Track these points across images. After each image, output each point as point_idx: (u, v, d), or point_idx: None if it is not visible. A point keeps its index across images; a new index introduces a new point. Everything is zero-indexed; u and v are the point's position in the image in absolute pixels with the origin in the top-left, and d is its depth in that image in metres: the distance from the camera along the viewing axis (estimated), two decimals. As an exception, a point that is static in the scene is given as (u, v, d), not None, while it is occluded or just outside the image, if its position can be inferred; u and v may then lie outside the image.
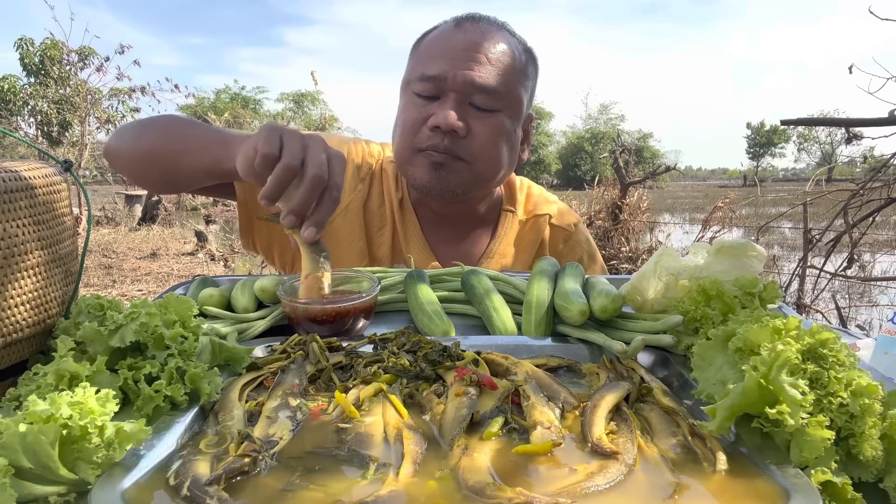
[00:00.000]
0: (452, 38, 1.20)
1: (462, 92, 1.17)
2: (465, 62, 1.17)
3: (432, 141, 1.18)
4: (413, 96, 1.21)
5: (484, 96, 1.17)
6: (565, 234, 1.43)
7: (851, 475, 0.51)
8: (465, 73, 1.16)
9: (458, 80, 1.16)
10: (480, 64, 1.17)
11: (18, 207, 0.65)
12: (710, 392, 0.60)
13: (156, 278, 7.25)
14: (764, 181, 25.65)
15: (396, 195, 1.33)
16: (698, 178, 73.87)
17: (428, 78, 1.18)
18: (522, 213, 1.42)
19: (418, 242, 1.32)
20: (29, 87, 13.78)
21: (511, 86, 1.21)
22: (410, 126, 1.21)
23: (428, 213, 1.35)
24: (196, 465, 0.51)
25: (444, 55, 1.18)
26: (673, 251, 0.84)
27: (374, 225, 1.33)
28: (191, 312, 0.67)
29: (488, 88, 1.17)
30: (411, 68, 1.24)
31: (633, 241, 6.89)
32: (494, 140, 1.21)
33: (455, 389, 0.62)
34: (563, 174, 41.49)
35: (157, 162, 1.16)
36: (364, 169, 1.35)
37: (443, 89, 1.18)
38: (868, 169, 3.88)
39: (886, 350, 0.81)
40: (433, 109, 1.18)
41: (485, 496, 0.46)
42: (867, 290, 5.72)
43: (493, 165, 1.25)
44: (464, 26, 1.21)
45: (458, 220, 1.35)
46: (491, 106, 1.19)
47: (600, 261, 1.50)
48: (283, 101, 27.97)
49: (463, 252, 1.33)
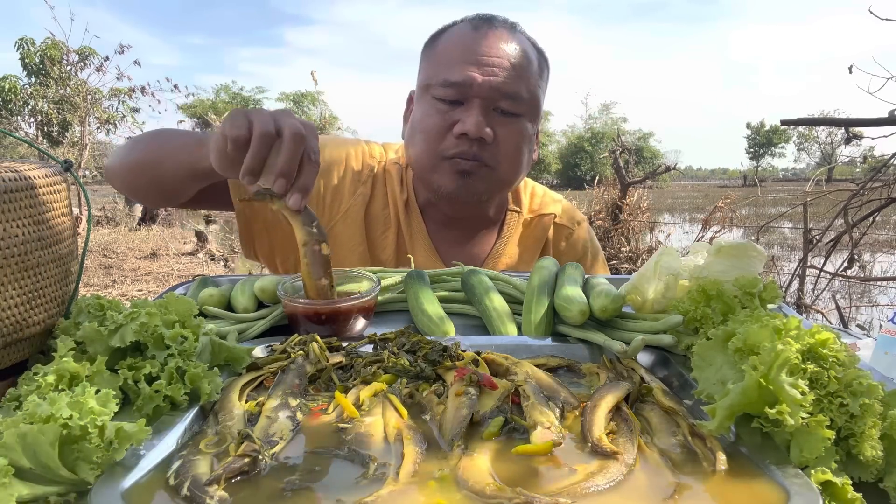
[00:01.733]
0: (473, 42, 1.19)
1: (488, 98, 1.16)
2: (490, 68, 1.16)
3: (459, 148, 1.18)
4: (434, 101, 1.20)
5: (509, 102, 1.18)
6: (567, 231, 1.43)
7: (851, 475, 0.51)
8: (490, 80, 1.16)
9: (485, 87, 1.16)
10: (505, 69, 1.17)
11: (18, 207, 0.65)
12: (710, 392, 0.60)
13: (156, 278, 7.25)
14: (764, 181, 25.64)
15: (402, 197, 1.32)
16: (698, 178, 73.89)
17: (452, 84, 1.17)
18: (527, 213, 1.42)
19: (424, 244, 1.31)
20: (29, 87, 13.77)
21: (533, 90, 1.21)
22: (435, 133, 1.19)
23: (436, 214, 1.33)
24: (196, 465, 0.51)
25: (466, 60, 1.17)
26: (673, 251, 0.84)
27: (378, 228, 1.32)
28: (191, 312, 0.67)
29: (513, 94, 1.17)
30: (430, 72, 1.22)
31: (633, 241, 6.88)
32: (518, 145, 1.22)
33: (455, 389, 0.62)
34: (563, 174, 41.50)
35: (144, 172, 1.17)
36: (365, 172, 1.33)
37: (467, 95, 1.17)
38: (868, 169, 3.88)
39: (886, 350, 0.81)
40: (458, 115, 1.17)
41: (485, 496, 0.46)
42: (867, 290, 5.72)
43: (516, 170, 1.25)
44: (482, 30, 1.21)
45: (465, 222, 1.35)
46: (515, 111, 1.19)
47: (602, 259, 1.49)
48: (284, 101, 27.97)
49: (468, 253, 1.33)
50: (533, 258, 1.38)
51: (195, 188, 1.18)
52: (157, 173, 1.15)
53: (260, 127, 0.81)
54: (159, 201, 1.31)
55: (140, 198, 1.32)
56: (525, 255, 1.38)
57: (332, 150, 1.32)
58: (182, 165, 1.10)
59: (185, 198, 1.23)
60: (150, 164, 1.15)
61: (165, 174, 1.13)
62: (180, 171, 1.11)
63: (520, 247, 1.38)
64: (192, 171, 1.09)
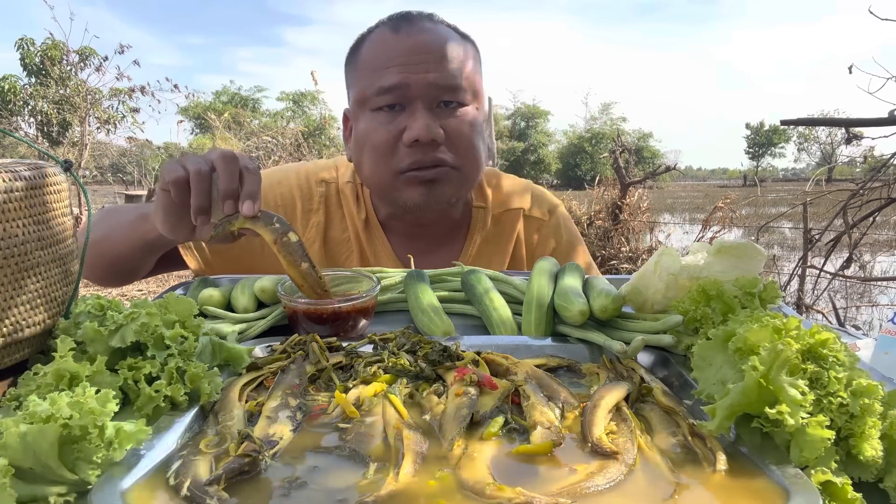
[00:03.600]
0: (397, 44, 1.14)
1: (428, 95, 1.12)
2: (422, 65, 1.12)
3: (414, 157, 1.12)
4: (374, 114, 1.15)
5: (450, 94, 1.13)
6: (538, 223, 1.38)
7: (851, 475, 0.51)
8: (426, 77, 1.11)
9: (422, 84, 1.11)
10: (437, 62, 1.13)
11: (18, 207, 0.65)
12: (710, 392, 0.60)
13: (156, 278, 7.24)
14: (764, 181, 25.66)
15: (360, 216, 1.28)
16: (698, 178, 73.85)
17: (387, 89, 1.12)
18: (494, 208, 1.36)
19: (389, 261, 1.27)
20: (29, 88, 13.76)
21: (469, 76, 1.17)
22: (385, 147, 1.14)
23: (398, 227, 1.29)
24: (196, 465, 0.51)
25: (395, 62, 1.12)
26: (673, 251, 0.84)
27: (341, 253, 1.28)
28: (191, 312, 0.67)
29: (452, 86, 1.13)
30: (361, 84, 1.17)
31: (633, 241, 6.88)
32: (471, 136, 1.17)
33: (455, 389, 0.62)
34: (563, 174, 41.48)
35: (100, 254, 1.13)
36: (315, 199, 1.28)
37: (407, 97, 1.12)
38: (868, 169, 3.88)
39: (886, 350, 0.81)
40: (403, 122, 1.12)
41: (485, 496, 0.46)
42: (867, 290, 5.72)
43: (476, 162, 1.20)
44: (402, 29, 1.16)
45: (429, 230, 1.30)
46: (459, 100, 1.15)
47: (583, 248, 1.41)
48: (284, 101, 27.96)
49: (437, 261, 1.23)
50: (504, 256, 1.34)
51: (150, 261, 1.18)
52: (111, 255, 1.14)
53: (193, 166, 0.84)
54: (118, 280, 1.24)
55: (99, 279, 1.23)
56: (496, 255, 1.33)
57: (272, 186, 1.28)
58: (132, 242, 1.10)
59: (144, 272, 1.22)
60: (103, 246, 1.13)
61: (119, 254, 1.13)
62: (132, 247, 1.11)
63: (491, 245, 1.33)
64: (144, 243, 1.09)
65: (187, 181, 0.84)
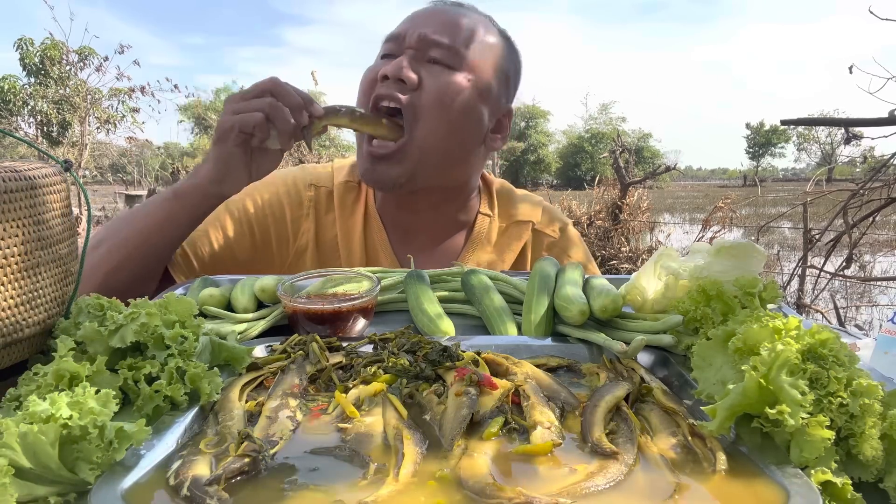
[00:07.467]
0: (415, 10, 1.23)
1: (418, 48, 1.15)
2: (424, 23, 1.17)
3: (380, 91, 1.14)
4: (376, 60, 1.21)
5: (440, 51, 1.14)
6: (549, 240, 1.36)
7: (851, 475, 0.51)
8: (422, 30, 1.15)
9: (414, 37, 1.15)
10: (440, 23, 1.17)
11: (18, 207, 0.65)
12: (710, 392, 0.60)
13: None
14: (764, 181, 25.65)
15: (358, 213, 1.28)
16: (698, 178, 73.85)
17: (388, 39, 1.19)
18: (502, 219, 1.35)
19: (388, 258, 1.27)
20: (29, 87, 13.76)
21: (473, 48, 1.17)
22: (365, 84, 1.18)
23: (396, 218, 1.29)
24: (196, 465, 0.51)
25: (406, 20, 1.20)
26: (673, 251, 0.84)
27: (333, 259, 1.27)
28: (191, 312, 0.66)
29: (446, 44, 1.15)
30: None
31: (633, 241, 6.89)
32: (448, 99, 1.14)
33: (455, 389, 0.62)
34: (563, 174, 41.50)
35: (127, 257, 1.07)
36: (305, 205, 1.28)
37: (401, 48, 1.17)
38: (868, 169, 3.88)
39: (886, 350, 0.81)
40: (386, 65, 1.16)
41: (485, 496, 0.46)
42: (867, 290, 5.72)
43: (441, 128, 1.15)
44: (434, 3, 1.24)
45: (429, 227, 1.30)
46: (448, 62, 1.15)
47: (593, 266, 1.40)
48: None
49: (436, 261, 1.23)
50: (505, 267, 1.32)
51: (170, 255, 1.15)
52: (144, 247, 1.08)
53: (260, 90, 1.00)
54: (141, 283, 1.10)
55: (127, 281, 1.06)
56: (499, 264, 1.32)
57: (261, 194, 1.27)
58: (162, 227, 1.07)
59: (158, 277, 1.15)
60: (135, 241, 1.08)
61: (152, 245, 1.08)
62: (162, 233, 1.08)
63: (494, 254, 1.32)
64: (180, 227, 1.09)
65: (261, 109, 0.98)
